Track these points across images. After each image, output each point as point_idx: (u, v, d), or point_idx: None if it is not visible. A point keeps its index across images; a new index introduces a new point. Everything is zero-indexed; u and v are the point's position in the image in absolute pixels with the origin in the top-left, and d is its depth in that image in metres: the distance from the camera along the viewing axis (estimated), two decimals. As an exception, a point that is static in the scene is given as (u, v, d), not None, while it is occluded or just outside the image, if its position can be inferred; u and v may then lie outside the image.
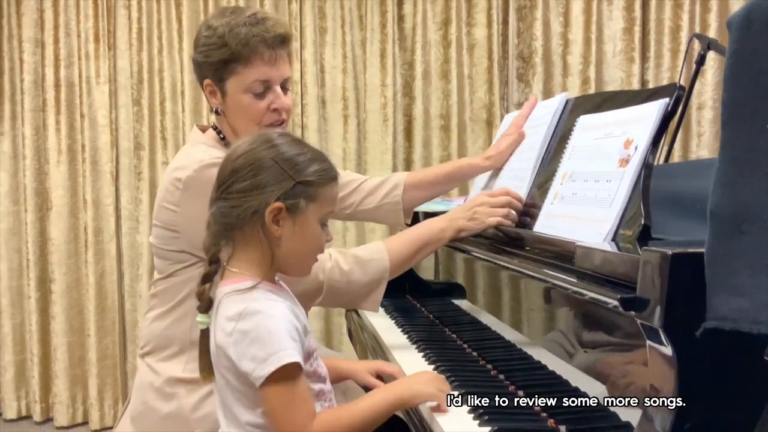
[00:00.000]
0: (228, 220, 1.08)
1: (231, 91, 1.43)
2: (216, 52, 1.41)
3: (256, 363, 1.01)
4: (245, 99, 1.42)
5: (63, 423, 3.18)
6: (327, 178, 1.11)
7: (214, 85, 1.45)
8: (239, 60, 1.40)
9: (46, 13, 3.15)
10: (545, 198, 1.36)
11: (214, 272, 1.11)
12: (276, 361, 1.00)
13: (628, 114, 1.23)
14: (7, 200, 3.21)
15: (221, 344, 1.05)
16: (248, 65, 1.40)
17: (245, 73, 1.41)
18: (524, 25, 3.04)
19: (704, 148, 2.88)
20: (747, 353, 0.77)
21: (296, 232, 1.09)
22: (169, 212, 1.41)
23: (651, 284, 0.82)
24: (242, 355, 1.02)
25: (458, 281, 1.72)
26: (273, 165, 1.07)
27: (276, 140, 1.10)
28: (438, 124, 3.10)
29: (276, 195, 1.06)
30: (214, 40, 1.41)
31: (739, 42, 0.72)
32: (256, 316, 1.03)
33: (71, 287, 3.20)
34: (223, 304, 1.07)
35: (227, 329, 1.04)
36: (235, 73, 1.41)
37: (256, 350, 1.01)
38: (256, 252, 1.09)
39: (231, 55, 1.40)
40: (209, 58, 1.42)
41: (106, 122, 3.17)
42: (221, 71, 1.42)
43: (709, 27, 2.86)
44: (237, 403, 1.07)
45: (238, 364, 1.03)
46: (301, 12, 3.10)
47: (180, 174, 1.38)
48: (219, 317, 1.07)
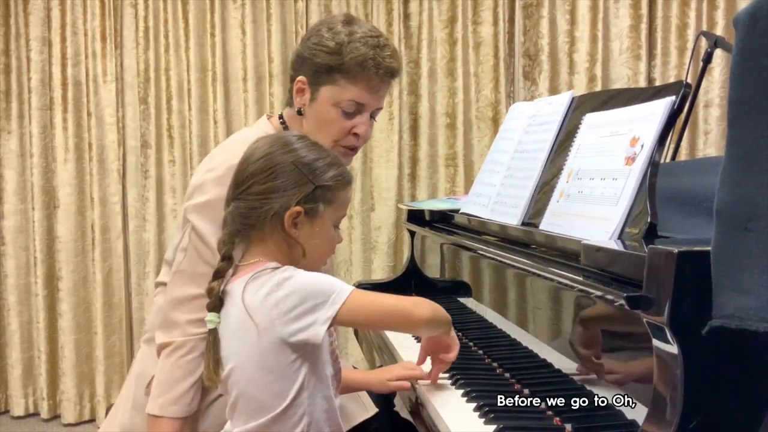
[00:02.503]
0: (247, 220, 1.09)
1: (322, 98, 1.40)
2: (326, 56, 1.38)
3: (318, 311, 1.03)
4: (333, 112, 1.39)
5: (70, 420, 3.19)
6: (344, 182, 1.14)
7: (306, 85, 1.41)
8: (346, 74, 1.37)
9: (53, 12, 3.16)
10: (551, 196, 1.36)
11: (226, 269, 1.12)
12: (338, 298, 1.04)
13: (635, 112, 1.22)
14: (15, 198, 3.23)
15: (264, 322, 1.03)
16: (352, 82, 1.38)
17: (346, 89, 1.38)
18: (530, 23, 3.03)
19: (711, 146, 2.86)
20: (753, 351, 0.77)
21: (313, 234, 1.11)
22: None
23: (657, 282, 0.82)
24: (298, 315, 1.02)
25: (464, 279, 1.72)
26: (294, 169, 1.09)
27: (295, 144, 1.12)
28: (444, 122, 3.09)
29: (297, 198, 1.08)
30: (330, 44, 1.38)
31: (746, 40, 0.72)
32: (293, 278, 1.05)
33: (78, 285, 3.22)
34: (250, 287, 1.06)
35: (269, 303, 1.03)
36: (335, 83, 1.38)
37: (312, 301, 1.03)
38: (274, 250, 1.11)
39: (340, 65, 1.37)
40: (316, 58, 1.39)
41: (113, 120, 3.18)
42: (322, 75, 1.39)
43: (716, 24, 2.84)
44: (267, 389, 1.05)
45: (293, 326, 1.02)
46: (308, 10, 3.11)
47: (226, 162, 1.33)
48: (249, 300, 1.05)
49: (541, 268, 1.20)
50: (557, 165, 1.42)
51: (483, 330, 1.53)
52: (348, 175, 1.15)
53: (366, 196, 3.12)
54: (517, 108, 1.79)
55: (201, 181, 1.35)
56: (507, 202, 1.55)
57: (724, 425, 0.79)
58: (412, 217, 2.15)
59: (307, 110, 1.43)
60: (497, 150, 1.77)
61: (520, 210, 1.47)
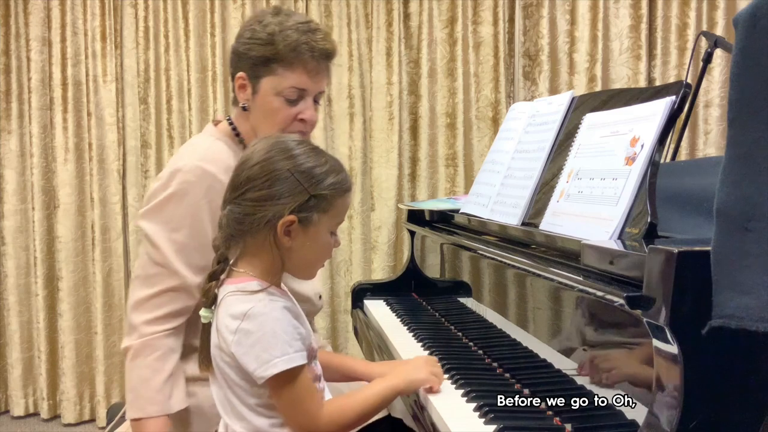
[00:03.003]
0: (241, 226, 1.09)
1: (264, 90, 1.41)
2: (260, 48, 1.39)
3: (259, 363, 1.03)
4: (276, 102, 1.41)
5: (70, 420, 3.19)
6: (341, 190, 1.12)
7: (247, 80, 1.43)
8: (282, 62, 1.39)
9: (53, 12, 3.16)
10: (551, 196, 1.36)
11: (221, 271, 1.13)
12: (280, 364, 1.03)
13: (635, 112, 1.22)
14: (15, 198, 3.23)
15: (224, 340, 1.06)
16: (290, 69, 1.39)
17: (284, 76, 1.39)
18: (530, 23, 3.03)
19: (711, 146, 2.86)
20: (753, 351, 0.77)
21: (306, 243, 1.10)
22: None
23: (657, 282, 0.82)
24: (245, 353, 1.04)
25: (464, 279, 1.72)
26: (289, 177, 1.07)
27: (294, 150, 1.10)
28: (444, 122, 3.09)
29: (290, 208, 1.07)
30: (263, 35, 1.39)
31: (746, 40, 0.72)
32: (260, 318, 1.04)
33: (78, 285, 3.22)
34: (227, 301, 1.08)
35: (231, 327, 1.05)
36: (274, 73, 1.40)
37: (260, 351, 1.03)
38: (265, 257, 1.11)
39: (275, 55, 1.38)
40: (251, 52, 1.40)
41: (113, 120, 3.18)
42: (259, 68, 1.40)
43: (716, 24, 2.84)
44: (236, 398, 1.09)
45: (240, 361, 1.04)
46: (307, 10, 3.11)
47: (176, 162, 1.39)
48: (221, 314, 1.08)
49: (541, 268, 1.20)
50: (557, 165, 1.42)
51: (483, 330, 1.53)
52: (346, 183, 1.14)
53: (366, 196, 3.12)
54: (517, 108, 1.79)
55: (151, 191, 1.40)
56: (507, 202, 1.55)
57: (724, 425, 0.79)
58: (412, 217, 2.15)
59: (251, 105, 1.44)
60: (497, 150, 1.77)
61: (520, 210, 1.47)
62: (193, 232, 1.36)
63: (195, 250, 1.36)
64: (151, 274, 1.37)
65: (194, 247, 1.36)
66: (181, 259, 1.36)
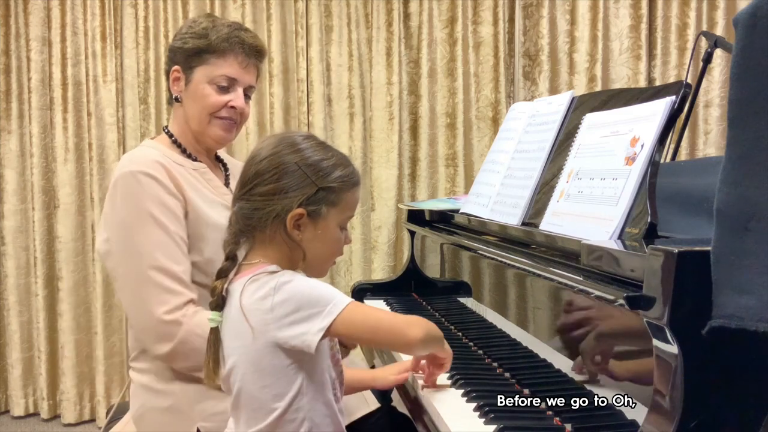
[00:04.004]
0: (250, 221, 1.09)
1: (196, 79, 1.49)
2: (194, 41, 1.48)
3: (312, 321, 1.02)
4: (207, 89, 1.49)
5: (70, 420, 3.19)
6: (350, 183, 1.12)
7: (180, 72, 1.51)
8: (214, 52, 1.48)
9: (53, 12, 3.16)
10: (551, 196, 1.36)
11: (230, 268, 1.11)
12: (334, 309, 1.02)
13: (635, 112, 1.22)
14: (15, 198, 3.23)
15: (259, 325, 1.03)
16: (221, 59, 1.48)
17: (216, 65, 1.48)
18: (530, 23, 3.03)
19: (711, 146, 2.86)
20: (753, 351, 0.77)
21: (317, 237, 1.10)
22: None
23: (657, 282, 0.82)
24: (293, 322, 1.02)
25: (464, 279, 1.72)
26: (297, 170, 1.08)
27: (301, 144, 1.10)
28: (444, 122, 3.09)
29: (298, 200, 1.07)
30: (197, 29, 1.49)
31: (746, 40, 0.72)
32: (291, 283, 1.04)
33: (78, 285, 3.22)
34: (248, 290, 1.06)
35: (264, 306, 1.03)
36: (206, 63, 1.48)
37: (308, 310, 1.02)
38: (275, 253, 1.10)
39: (208, 46, 1.48)
40: (185, 45, 1.49)
41: (113, 120, 3.18)
42: (193, 59, 1.49)
43: (716, 24, 2.84)
44: (266, 390, 1.05)
45: (287, 332, 1.02)
46: (308, 10, 3.11)
47: (113, 177, 1.42)
48: (247, 304, 1.06)
49: (541, 268, 1.20)
50: (557, 165, 1.42)
51: (483, 330, 1.53)
52: (354, 177, 1.13)
53: (366, 196, 3.12)
54: (517, 108, 1.79)
55: (105, 210, 1.45)
56: (507, 202, 1.55)
57: (724, 425, 0.79)
58: (412, 217, 2.15)
59: (183, 95, 1.52)
60: (497, 150, 1.77)
61: (520, 210, 1.47)
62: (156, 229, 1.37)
63: (170, 244, 1.37)
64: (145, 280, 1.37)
65: (166, 242, 1.37)
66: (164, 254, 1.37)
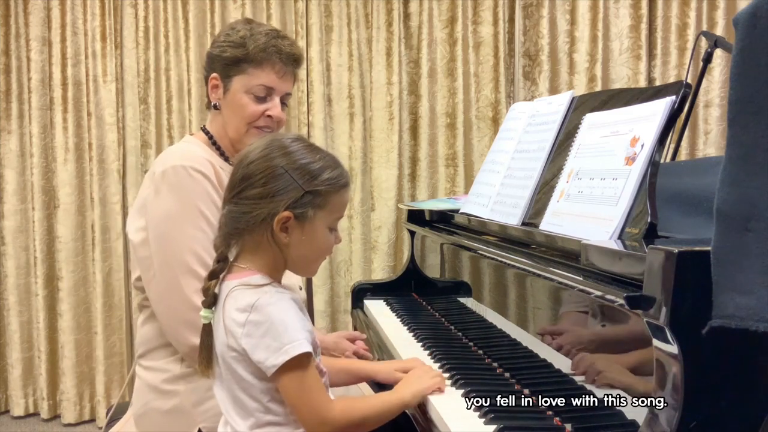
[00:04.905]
0: (238, 224, 1.10)
1: (234, 88, 1.50)
2: (232, 50, 1.49)
3: (270, 353, 1.04)
4: (245, 99, 1.49)
5: (70, 420, 3.19)
6: (337, 186, 1.13)
7: (219, 80, 1.52)
8: (252, 62, 1.48)
9: (53, 12, 3.15)
10: (551, 196, 1.36)
11: (221, 270, 1.13)
12: (291, 350, 1.04)
13: (635, 112, 1.22)
14: (15, 198, 3.23)
15: (233, 335, 1.06)
16: (259, 68, 1.49)
17: (254, 75, 1.49)
18: (530, 23, 3.03)
19: (711, 146, 2.86)
20: (753, 351, 0.77)
21: (304, 239, 1.11)
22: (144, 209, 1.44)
23: (657, 282, 0.82)
24: (255, 345, 1.04)
25: (464, 279, 1.72)
26: (284, 173, 1.09)
27: (290, 147, 1.11)
28: (444, 122, 3.09)
29: (285, 204, 1.08)
30: (235, 38, 1.50)
31: (746, 40, 0.72)
32: (268, 308, 1.05)
33: (78, 285, 3.22)
34: (233, 296, 1.08)
35: (239, 320, 1.06)
36: (244, 72, 1.49)
37: (270, 340, 1.04)
38: (264, 255, 1.12)
39: (246, 55, 1.48)
40: (224, 53, 1.50)
41: (113, 120, 3.18)
42: (231, 68, 1.49)
43: (716, 24, 2.84)
44: (245, 395, 1.09)
45: (251, 354, 1.05)
46: (307, 10, 3.11)
47: (158, 168, 1.41)
48: (228, 309, 1.08)
49: (541, 268, 1.20)
50: (557, 165, 1.42)
51: (483, 330, 1.53)
52: (342, 178, 1.14)
53: (366, 196, 3.12)
54: (517, 108, 1.79)
55: (141, 197, 1.47)
56: (507, 202, 1.55)
57: (724, 425, 0.79)
58: (412, 217, 2.15)
59: (222, 103, 1.53)
60: (497, 150, 1.77)
61: (520, 210, 1.47)
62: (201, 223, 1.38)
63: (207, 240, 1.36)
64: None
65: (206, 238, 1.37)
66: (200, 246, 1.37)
